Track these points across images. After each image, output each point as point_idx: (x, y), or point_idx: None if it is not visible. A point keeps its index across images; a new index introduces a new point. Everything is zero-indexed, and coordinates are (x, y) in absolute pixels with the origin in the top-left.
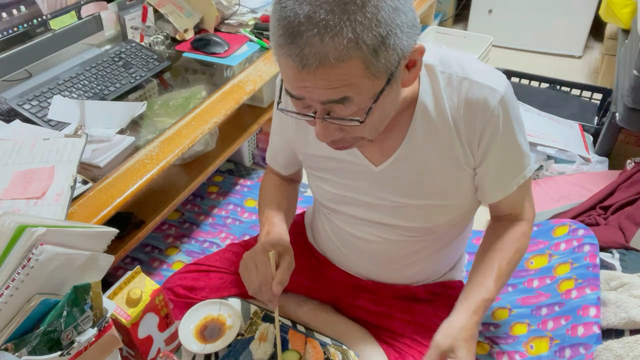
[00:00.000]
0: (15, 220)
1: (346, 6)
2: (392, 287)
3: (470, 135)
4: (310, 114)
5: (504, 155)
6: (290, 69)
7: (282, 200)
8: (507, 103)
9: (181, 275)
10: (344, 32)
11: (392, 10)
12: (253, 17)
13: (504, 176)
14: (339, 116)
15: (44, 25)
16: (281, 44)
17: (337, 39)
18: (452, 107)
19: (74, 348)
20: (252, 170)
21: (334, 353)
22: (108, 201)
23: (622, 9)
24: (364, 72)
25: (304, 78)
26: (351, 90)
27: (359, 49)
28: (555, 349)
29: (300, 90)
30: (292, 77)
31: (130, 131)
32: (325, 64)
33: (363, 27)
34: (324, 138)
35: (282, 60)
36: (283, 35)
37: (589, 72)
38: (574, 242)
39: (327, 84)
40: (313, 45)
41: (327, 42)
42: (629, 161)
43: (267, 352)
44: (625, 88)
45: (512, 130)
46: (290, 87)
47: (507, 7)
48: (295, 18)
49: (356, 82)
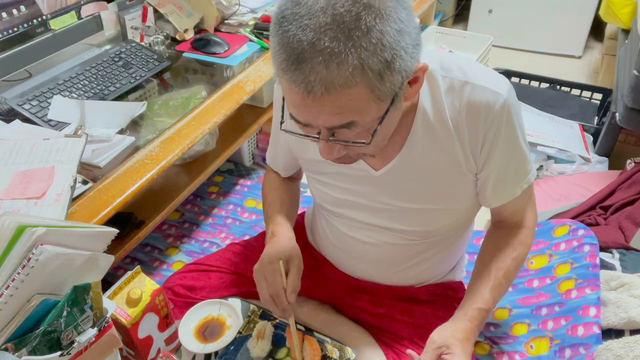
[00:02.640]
0: (15, 220)
1: (350, 32)
2: (392, 289)
3: (472, 140)
4: (314, 135)
5: (507, 160)
6: (295, 95)
7: (285, 198)
8: (509, 107)
9: (181, 275)
10: (350, 59)
11: (396, 33)
12: (253, 17)
13: (506, 181)
14: (344, 139)
15: (44, 25)
16: (285, 69)
17: (343, 66)
18: (454, 112)
19: (74, 348)
20: (252, 170)
21: (332, 350)
22: (108, 201)
23: (622, 9)
24: (369, 96)
25: (309, 104)
26: (356, 115)
27: (365, 74)
28: (555, 349)
29: (305, 116)
30: (296, 103)
31: (130, 131)
32: (331, 91)
33: (368, 53)
34: (328, 156)
35: (286, 85)
36: (286, 60)
37: (589, 72)
38: (574, 242)
39: (332, 110)
40: (318, 73)
41: (332, 69)
42: (629, 161)
43: (265, 350)
44: (625, 88)
45: (514, 134)
46: (295, 112)
47: (507, 7)
48: (299, 45)
49: (362, 106)
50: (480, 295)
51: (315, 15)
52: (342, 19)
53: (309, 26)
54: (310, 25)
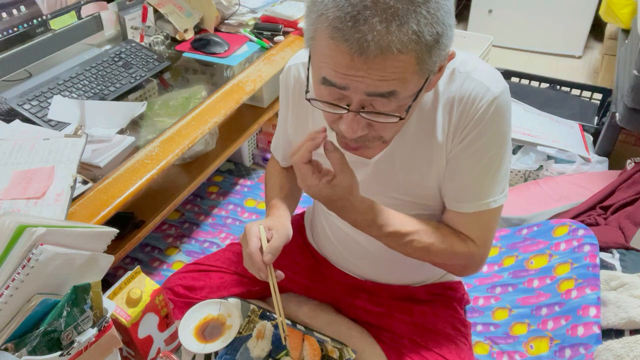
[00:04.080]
0: (15, 220)
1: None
2: (392, 288)
3: (456, 129)
4: (344, 106)
5: (476, 166)
6: (343, 55)
7: (285, 183)
8: (500, 107)
9: (181, 275)
10: (410, 22)
11: (448, 10)
12: (253, 17)
13: (464, 189)
14: (378, 111)
15: (44, 25)
16: (338, 27)
17: (403, 28)
18: (448, 102)
19: (74, 348)
20: (252, 170)
21: (332, 350)
22: (108, 201)
23: (622, 9)
24: (415, 68)
25: (358, 66)
26: (400, 85)
27: (419, 43)
28: (555, 349)
29: (347, 79)
30: (341, 64)
31: (130, 131)
32: (386, 54)
33: (426, 21)
34: (352, 133)
35: (333, 45)
36: (342, 18)
37: (589, 72)
38: (574, 242)
39: (380, 74)
40: (378, 32)
41: (393, 30)
42: (629, 161)
43: (265, 350)
44: (625, 88)
45: (496, 138)
46: (334, 74)
47: (507, 7)
48: (360, 1)
49: (407, 77)
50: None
51: None
52: None
53: None
54: None
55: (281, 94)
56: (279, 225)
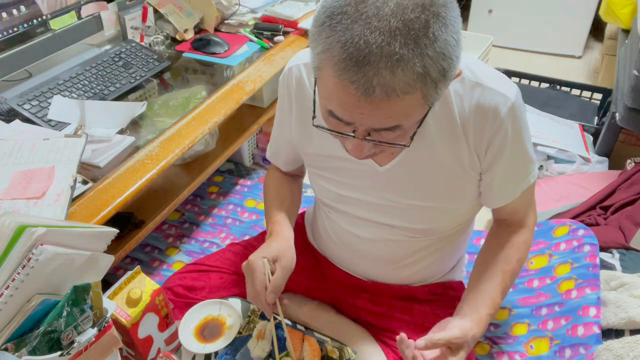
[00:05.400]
0: (15, 220)
1: (419, 40)
2: (392, 288)
3: (478, 140)
4: (349, 133)
5: (512, 162)
6: (349, 95)
7: (285, 196)
8: (517, 110)
9: (181, 275)
10: (416, 66)
11: (455, 43)
12: (253, 17)
13: (509, 183)
14: (382, 140)
15: (44, 25)
16: (344, 69)
17: (408, 72)
18: (462, 111)
19: (74, 348)
20: (252, 170)
21: (332, 350)
22: (108, 201)
23: (622, 9)
24: (420, 102)
25: (362, 106)
26: (404, 119)
27: (425, 82)
28: (555, 349)
29: (353, 117)
30: (347, 102)
31: (130, 131)
32: (391, 96)
33: (432, 62)
34: (358, 155)
35: (339, 83)
36: (348, 60)
37: (589, 72)
38: (574, 242)
39: (386, 114)
40: (383, 77)
41: (398, 75)
42: (629, 161)
43: (265, 350)
44: (625, 88)
45: (520, 137)
46: (340, 110)
47: (507, 7)
48: (366, 46)
49: (412, 112)
50: (492, 300)
51: (385, 18)
52: (413, 25)
53: (378, 28)
54: (380, 27)
55: (281, 95)
56: (283, 251)
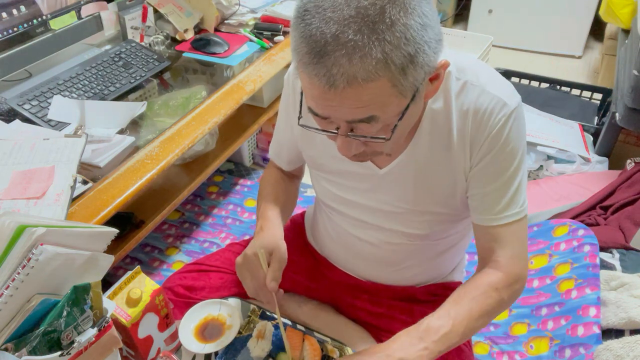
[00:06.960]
0: (15, 220)
1: (375, 26)
2: (392, 288)
3: (473, 142)
4: (333, 131)
5: (499, 174)
6: (316, 89)
7: (280, 194)
8: (515, 119)
9: (181, 275)
10: (373, 52)
11: (420, 27)
12: (253, 17)
13: (492, 197)
14: (364, 134)
15: (44, 25)
16: (307, 63)
17: (366, 59)
18: (461, 115)
19: (74, 348)
20: (252, 170)
21: (332, 350)
22: (108, 201)
23: (622, 9)
24: (391, 90)
25: (330, 97)
26: (378, 110)
27: (388, 68)
28: (555, 349)
29: (325, 110)
30: (317, 97)
31: (130, 131)
32: (353, 85)
33: (392, 47)
34: (346, 153)
35: (307, 78)
36: (309, 53)
37: (589, 72)
38: (574, 242)
39: (354, 103)
40: (341, 66)
41: (355, 62)
42: (629, 161)
43: (265, 350)
44: (625, 88)
45: (514, 150)
46: (314, 105)
47: (507, 7)
48: (322, 37)
49: (383, 101)
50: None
51: (339, 8)
52: (366, 11)
53: (332, 19)
54: (334, 17)
55: (286, 94)
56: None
